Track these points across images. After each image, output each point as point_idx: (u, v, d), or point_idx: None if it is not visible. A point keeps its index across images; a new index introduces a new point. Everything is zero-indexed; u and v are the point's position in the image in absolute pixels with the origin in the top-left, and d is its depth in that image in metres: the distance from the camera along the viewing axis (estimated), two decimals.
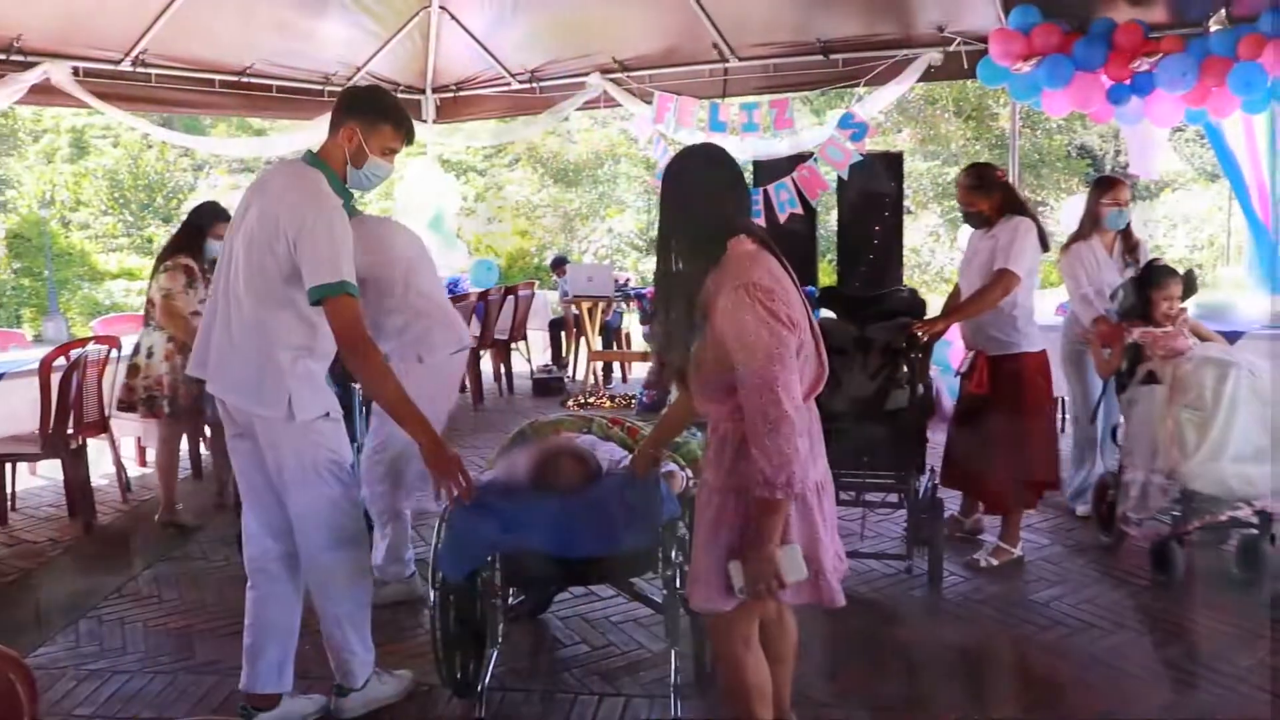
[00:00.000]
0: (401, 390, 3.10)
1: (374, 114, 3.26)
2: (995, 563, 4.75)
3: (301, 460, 3.19)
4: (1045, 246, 4.72)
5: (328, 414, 3.22)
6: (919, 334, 4.44)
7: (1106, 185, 5.41)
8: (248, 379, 3.17)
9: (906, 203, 9.64)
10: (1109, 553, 4.92)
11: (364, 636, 3.43)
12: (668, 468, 3.36)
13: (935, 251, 20.15)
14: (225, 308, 3.22)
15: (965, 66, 7.70)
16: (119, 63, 7.81)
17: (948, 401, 5.05)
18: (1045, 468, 4.86)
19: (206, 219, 5.68)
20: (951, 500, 5.08)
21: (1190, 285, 4.82)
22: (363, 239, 3.37)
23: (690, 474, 3.40)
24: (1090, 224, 5.32)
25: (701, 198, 2.61)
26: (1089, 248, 5.29)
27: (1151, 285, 4.78)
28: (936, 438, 4.96)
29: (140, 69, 7.94)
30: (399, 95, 10.11)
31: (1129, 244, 5.38)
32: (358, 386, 4.70)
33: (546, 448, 3.49)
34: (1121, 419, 5.10)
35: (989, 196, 4.74)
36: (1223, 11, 6.58)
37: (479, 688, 3.52)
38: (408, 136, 3.33)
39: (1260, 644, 3.89)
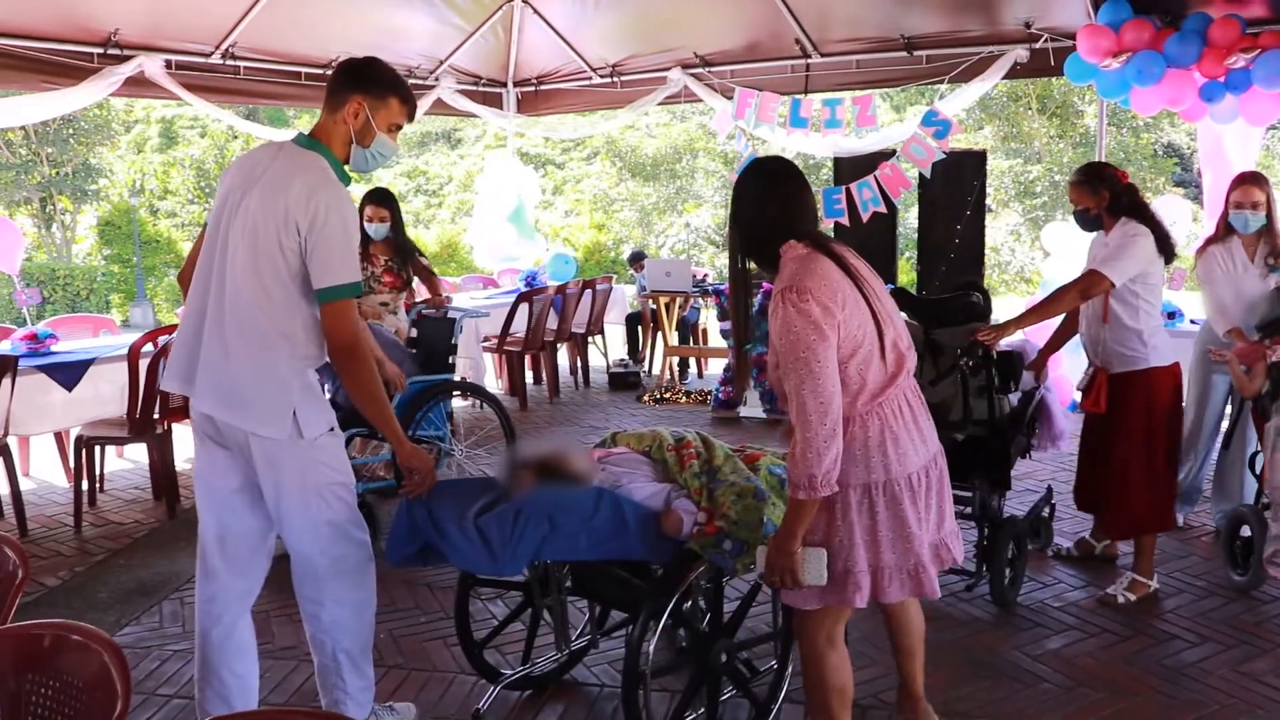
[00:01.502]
0: (385, 397, 2.99)
1: (381, 87, 2.97)
2: (1133, 598, 4.38)
3: (304, 482, 2.93)
4: (1168, 255, 4.27)
5: (331, 429, 2.99)
6: (980, 340, 4.14)
7: (1235, 183, 4.89)
8: (246, 394, 2.86)
9: (988, 201, 9.47)
10: (1240, 593, 4.49)
11: (364, 669, 3.17)
12: (679, 504, 3.14)
13: (1016, 251, 19.81)
14: (217, 310, 2.88)
15: (1052, 63, 7.54)
16: (209, 55, 7.98)
17: (1061, 421, 4.61)
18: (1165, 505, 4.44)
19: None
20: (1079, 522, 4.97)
21: None
22: None
23: (702, 517, 3.08)
24: (1225, 226, 4.86)
25: (753, 208, 2.73)
26: (1226, 251, 4.82)
27: None
28: (1045, 456, 4.84)
29: (229, 62, 8.11)
30: (481, 89, 10.23)
31: (1274, 248, 4.78)
32: None
33: (535, 450, 3.39)
34: (1259, 446, 4.65)
35: (1095, 194, 4.35)
36: None
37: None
38: (411, 112, 3.07)
39: None
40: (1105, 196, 4.35)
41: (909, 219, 14.65)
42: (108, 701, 1.72)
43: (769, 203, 2.71)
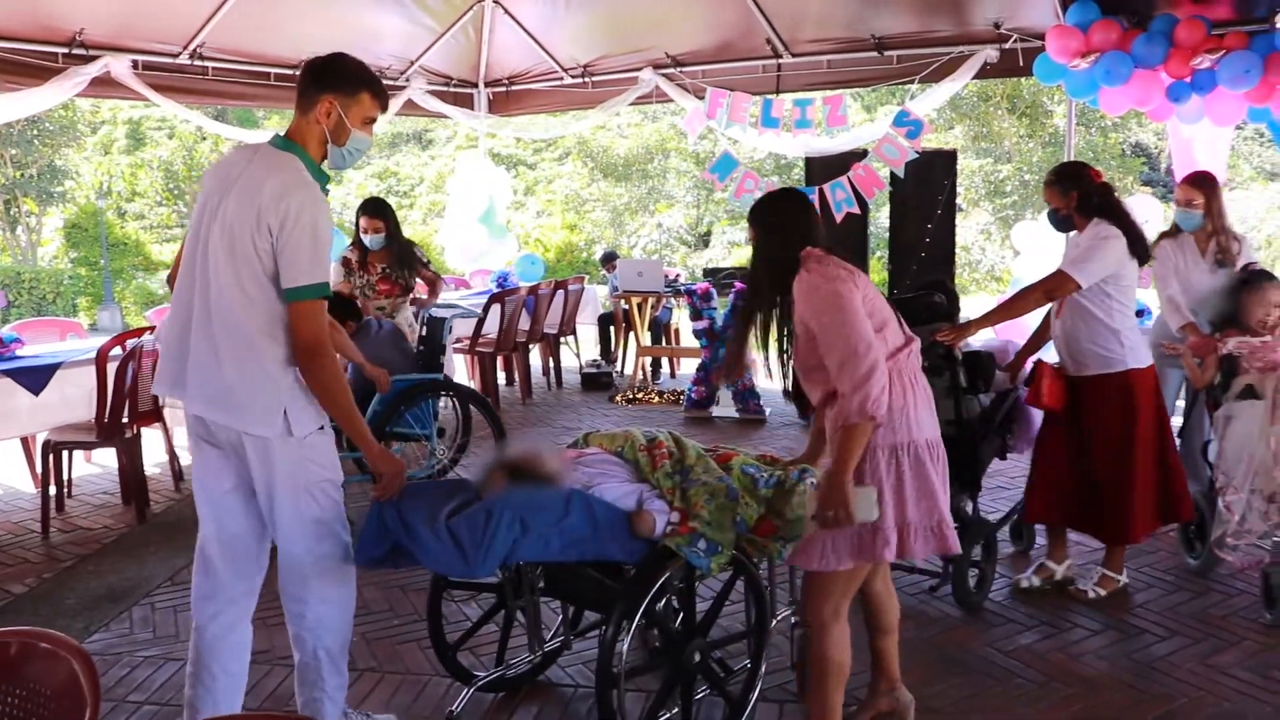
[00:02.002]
0: (350, 400, 2.96)
1: (351, 82, 2.95)
2: (1103, 593, 4.41)
3: (295, 480, 2.94)
4: (1141, 256, 4.19)
5: (322, 427, 2.99)
6: (940, 341, 4.16)
7: (1179, 183, 5.16)
8: (237, 394, 2.87)
9: (958, 201, 9.54)
10: (1208, 587, 4.54)
11: (341, 668, 3.16)
12: (652, 504, 3.15)
13: (986, 250, 19.95)
14: (204, 313, 2.90)
15: (1021, 63, 7.61)
16: (177, 56, 7.92)
17: (1039, 423, 4.55)
18: (1176, 497, 4.34)
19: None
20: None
21: None
22: None
23: (676, 517, 3.11)
24: (1175, 223, 5.04)
25: (805, 224, 3.05)
26: (1177, 246, 5.01)
27: (1247, 292, 4.45)
28: (1024, 458, 4.70)
29: (197, 62, 8.05)
30: (453, 90, 10.19)
31: (1221, 245, 4.98)
32: None
33: (508, 451, 3.38)
34: (1213, 435, 4.68)
35: (1064, 195, 4.31)
36: None
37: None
38: (384, 103, 3.07)
39: None
40: (1074, 197, 4.30)
41: (880, 219, 14.72)
42: (76, 709, 1.71)
43: (797, 217, 3.06)
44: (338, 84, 2.93)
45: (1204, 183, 5.07)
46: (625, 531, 3.08)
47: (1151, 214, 8.03)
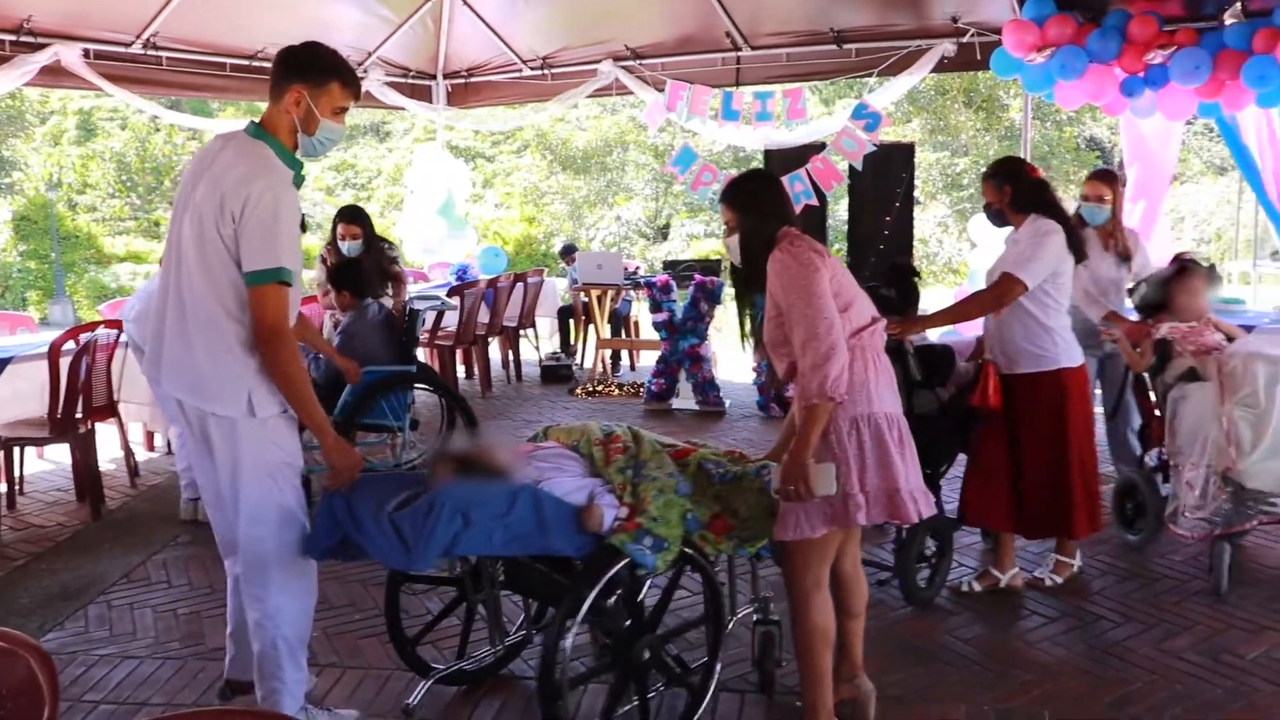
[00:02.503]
0: (306, 386, 3.01)
1: (320, 72, 2.98)
2: (1059, 579, 4.44)
3: (257, 462, 3.01)
4: (1078, 253, 4.13)
5: (285, 410, 3.04)
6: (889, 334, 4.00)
7: (1087, 178, 5.28)
8: (205, 375, 2.96)
9: (915, 193, 9.60)
10: (1161, 574, 4.62)
11: (300, 661, 3.18)
12: (602, 500, 3.11)
13: (943, 242, 20.11)
14: (177, 297, 2.99)
15: (979, 57, 7.69)
16: (129, 45, 7.81)
17: None
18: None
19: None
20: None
21: (1213, 280, 4.76)
22: None
23: (623, 512, 3.07)
24: (1079, 217, 5.03)
25: (781, 203, 3.23)
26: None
27: (1177, 280, 4.67)
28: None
29: (151, 52, 7.94)
30: (410, 82, 10.12)
31: (1120, 239, 5.18)
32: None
33: (460, 444, 3.40)
34: (1138, 421, 5.23)
35: (998, 190, 4.25)
36: (1238, 5, 6.55)
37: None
38: (356, 92, 3.08)
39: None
40: (1008, 192, 4.23)
41: (839, 211, 14.80)
42: (34, 708, 1.68)
43: (778, 200, 3.21)
44: (307, 73, 2.97)
45: (1112, 179, 5.24)
46: (573, 527, 3.05)
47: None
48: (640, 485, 3.17)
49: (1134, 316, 5.00)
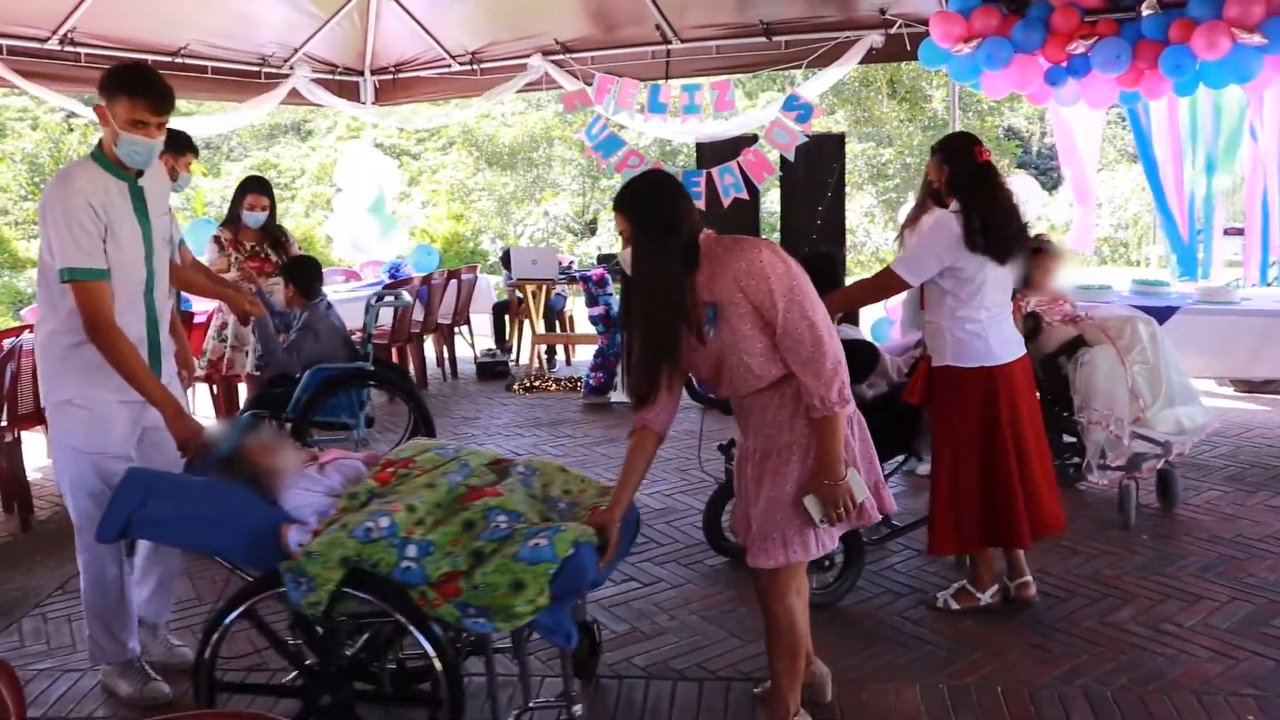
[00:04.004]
0: (144, 366, 3.34)
1: (110, 88, 3.24)
2: (955, 606, 4.10)
3: (56, 442, 3.47)
4: (996, 252, 3.75)
5: (70, 400, 3.38)
6: None
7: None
8: (40, 365, 3.51)
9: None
10: (1101, 550, 4.70)
11: (94, 628, 3.56)
12: (309, 522, 2.93)
13: (870, 232, 20.36)
14: None
15: (907, 48, 7.77)
16: (45, 41, 7.58)
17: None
18: (1032, 503, 3.92)
19: (236, 191, 6.34)
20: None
21: (1064, 259, 5.22)
22: None
23: (307, 539, 2.84)
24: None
25: (688, 211, 2.84)
26: None
27: (1035, 260, 4.83)
28: None
29: (69, 48, 7.72)
30: (338, 78, 9.98)
31: None
32: None
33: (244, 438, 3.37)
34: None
35: (938, 169, 3.99)
36: None
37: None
38: (153, 105, 3.24)
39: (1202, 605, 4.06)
40: (945, 172, 3.94)
41: (769, 202, 14.91)
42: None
43: (690, 203, 2.88)
44: (105, 88, 3.25)
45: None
46: (271, 540, 2.91)
47: (1031, 194, 8.33)
48: (345, 517, 2.87)
49: None
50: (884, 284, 3.99)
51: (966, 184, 3.86)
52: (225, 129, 13.13)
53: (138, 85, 3.23)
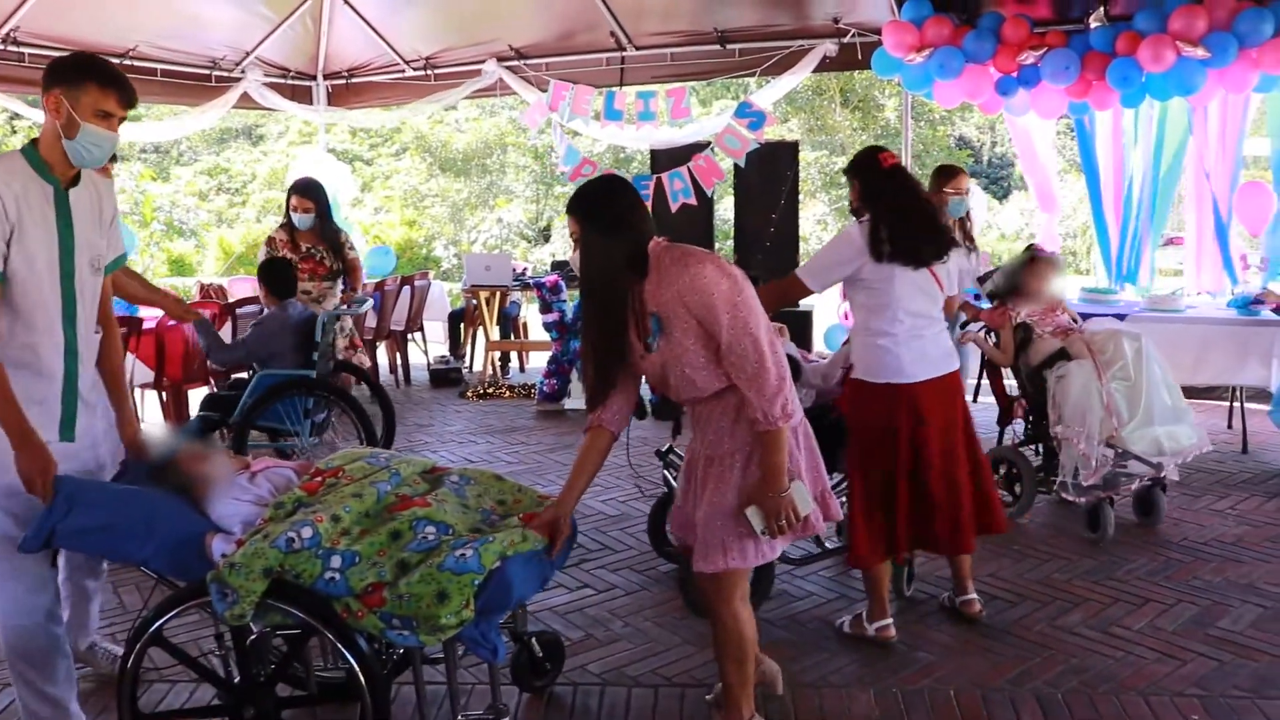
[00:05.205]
0: (4, 394, 2.84)
1: (75, 75, 2.90)
2: (848, 630, 3.96)
3: None
4: (878, 253, 3.62)
5: None
6: None
7: (949, 174, 5.57)
8: None
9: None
10: (1051, 555, 4.76)
11: (18, 671, 3.07)
12: (235, 532, 2.88)
13: (823, 240, 20.52)
14: None
15: (860, 57, 7.87)
16: None
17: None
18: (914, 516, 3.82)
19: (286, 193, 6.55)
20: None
21: (1060, 268, 5.20)
22: None
23: (231, 550, 2.75)
24: None
25: (639, 215, 2.87)
26: None
27: (1030, 268, 5.05)
28: None
29: (12, 48, 7.59)
30: (290, 83, 9.89)
31: (966, 230, 5.59)
32: None
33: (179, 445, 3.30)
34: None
35: (850, 186, 3.88)
36: (1101, 9, 6.87)
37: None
38: (122, 96, 2.95)
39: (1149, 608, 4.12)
40: (856, 187, 3.82)
41: (723, 209, 14.97)
42: None
43: (642, 209, 2.89)
44: (63, 76, 2.91)
45: (964, 173, 5.63)
46: (197, 550, 2.84)
47: (978, 204, 8.45)
48: (268, 527, 2.81)
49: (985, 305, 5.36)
50: (786, 289, 3.86)
51: (876, 194, 3.73)
52: (177, 134, 12.94)
53: (107, 74, 2.94)
